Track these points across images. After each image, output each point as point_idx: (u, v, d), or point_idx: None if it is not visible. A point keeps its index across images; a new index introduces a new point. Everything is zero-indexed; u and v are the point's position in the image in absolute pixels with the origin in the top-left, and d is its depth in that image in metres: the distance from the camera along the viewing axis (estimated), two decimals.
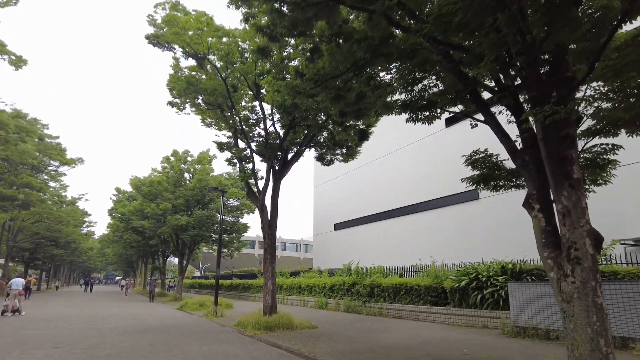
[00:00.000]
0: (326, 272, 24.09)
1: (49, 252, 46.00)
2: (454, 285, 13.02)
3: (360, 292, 17.59)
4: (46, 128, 28.85)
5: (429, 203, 24.11)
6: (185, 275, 42.04)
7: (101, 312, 18.36)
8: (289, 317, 12.46)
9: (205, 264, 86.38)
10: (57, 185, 36.24)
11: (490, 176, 6.77)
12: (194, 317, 17.21)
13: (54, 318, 14.75)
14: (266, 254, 13.50)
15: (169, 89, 13.53)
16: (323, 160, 16.62)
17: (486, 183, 6.94)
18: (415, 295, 14.97)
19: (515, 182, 6.79)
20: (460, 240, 21.48)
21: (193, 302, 21.53)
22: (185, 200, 29.20)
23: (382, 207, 28.06)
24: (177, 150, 31.26)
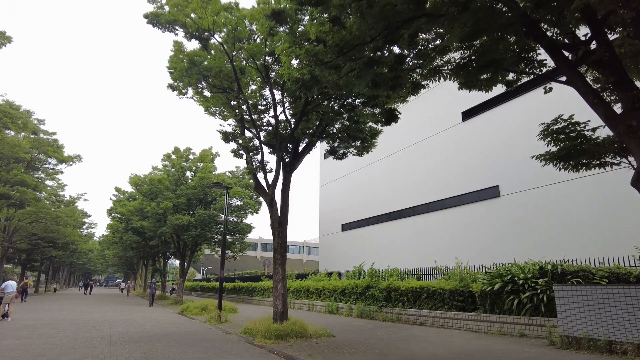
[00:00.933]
0: (335, 275, 22.81)
1: (46, 254, 44.76)
2: (484, 288, 11.70)
3: (376, 297, 16.27)
4: (42, 124, 27.66)
5: (444, 202, 22.80)
6: (187, 278, 40.82)
7: (95, 317, 17.07)
8: (302, 325, 11.16)
9: (207, 266, 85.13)
10: (54, 184, 35.08)
11: (574, 151, 5.41)
12: (196, 322, 15.92)
13: (42, 324, 13.47)
14: (276, 254, 12.23)
15: (170, 71, 12.28)
16: (335, 154, 15.39)
17: (568, 159, 5.59)
18: (438, 300, 13.65)
19: (605, 158, 5.46)
20: (479, 240, 20.16)
21: (195, 305, 20.25)
22: (186, 199, 27.94)
23: (393, 206, 26.76)
24: (178, 147, 30.05)
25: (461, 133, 22.41)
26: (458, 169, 22.18)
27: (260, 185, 12.95)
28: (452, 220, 22.11)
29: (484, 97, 21.35)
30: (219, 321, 15.25)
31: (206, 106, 13.43)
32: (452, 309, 13.09)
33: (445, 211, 22.66)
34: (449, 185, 22.59)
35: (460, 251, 20.70)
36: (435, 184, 23.50)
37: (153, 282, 28.05)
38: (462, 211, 21.63)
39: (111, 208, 36.29)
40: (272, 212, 12.44)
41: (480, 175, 20.76)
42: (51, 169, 31.30)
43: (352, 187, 31.77)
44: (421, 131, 24.96)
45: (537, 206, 18.00)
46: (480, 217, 20.49)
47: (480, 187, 20.68)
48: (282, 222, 12.42)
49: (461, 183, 21.82)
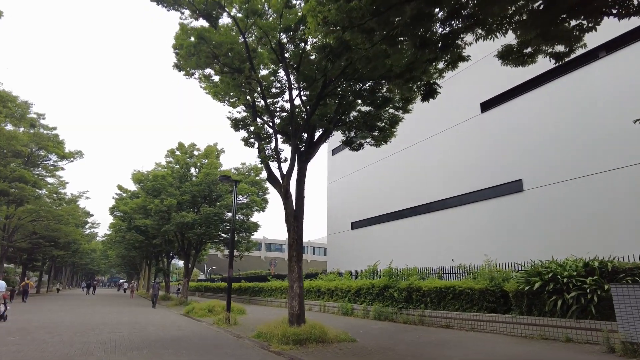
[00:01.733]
0: (347, 274, 21.77)
1: (48, 253, 43.85)
2: (520, 287, 10.63)
3: (395, 297, 15.20)
4: (42, 118, 26.69)
5: (462, 198, 21.69)
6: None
7: (96, 319, 16.06)
8: (321, 328, 10.10)
9: (211, 267, 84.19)
10: (55, 181, 34.10)
11: None
12: (203, 325, 14.88)
13: (38, 327, 12.45)
14: (291, 251, 11.18)
15: (175, 52, 11.25)
16: (351, 145, 14.36)
17: None
18: (466, 301, 12.58)
19: None
20: (500, 238, 19.05)
21: (200, 307, 19.22)
22: (191, 197, 26.94)
23: (406, 203, 25.65)
24: (182, 143, 29.07)
25: (480, 125, 21.30)
26: (477, 163, 21.08)
27: (274, 175, 11.90)
28: (470, 217, 21.01)
29: (504, 86, 20.32)
30: (228, 324, 14.22)
31: (214, 92, 12.39)
32: (482, 310, 12.02)
33: (463, 207, 21.55)
34: (467, 180, 21.48)
35: (480, 249, 19.59)
36: (452, 179, 22.40)
37: (156, 283, 26.88)
38: (481, 207, 20.52)
39: (114, 206, 35.34)
40: (286, 205, 11.40)
41: (501, 169, 19.66)
42: (51, 165, 30.33)
43: (362, 184, 30.68)
44: (437, 124, 23.85)
45: (564, 201, 16.89)
46: (501, 213, 19.39)
47: (502, 182, 19.57)
48: (298, 216, 11.38)
49: (480, 178, 20.71)
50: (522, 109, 19.31)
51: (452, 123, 22.97)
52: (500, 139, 20.03)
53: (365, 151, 30.71)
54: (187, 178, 29.16)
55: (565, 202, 16.84)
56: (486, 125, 20.98)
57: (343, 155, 33.98)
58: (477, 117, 21.50)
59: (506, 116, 20.02)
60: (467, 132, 21.99)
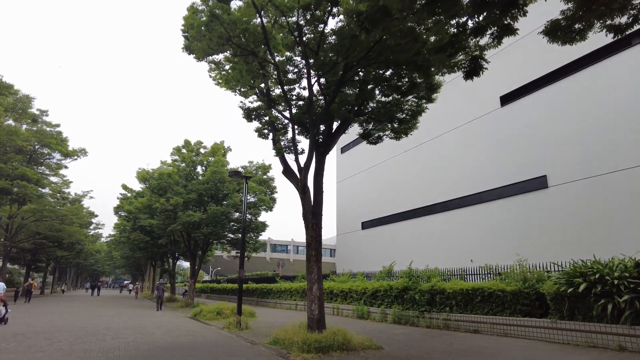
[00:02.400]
0: (361, 276, 20.86)
1: (52, 254, 43.20)
2: (561, 289, 9.68)
3: (416, 300, 14.27)
4: (45, 115, 25.97)
5: (481, 195, 20.73)
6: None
7: (99, 322, 15.23)
8: (345, 334, 9.21)
9: (216, 268, 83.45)
10: (59, 180, 33.40)
11: None
12: (212, 329, 14.02)
13: (35, 332, 11.60)
14: (310, 250, 10.31)
15: (184, 35, 10.41)
16: (369, 138, 13.48)
17: None
18: (496, 304, 11.64)
19: None
20: (523, 237, 18.09)
21: (208, 309, 18.36)
22: (197, 195, 26.12)
23: (421, 202, 24.72)
24: (189, 140, 28.28)
25: (500, 119, 20.36)
26: (497, 159, 20.14)
27: (290, 168, 11.04)
28: (490, 216, 20.06)
29: (524, 79, 19.38)
30: (239, 328, 13.34)
31: (225, 80, 11.55)
32: (515, 314, 11.08)
33: (482, 206, 20.60)
34: (486, 177, 20.54)
35: (500, 249, 18.66)
36: (470, 176, 21.45)
37: (161, 283, 25.77)
38: (502, 205, 19.57)
39: (118, 206, 34.59)
40: (304, 201, 10.53)
41: (523, 165, 18.71)
42: (55, 164, 29.60)
43: (372, 183, 29.78)
44: (453, 119, 22.92)
45: (592, 197, 15.94)
46: (524, 211, 18.43)
47: (525, 178, 18.62)
48: (316, 212, 10.51)
49: (501, 174, 19.77)
50: (545, 101, 18.36)
51: (469, 118, 22.04)
52: (522, 134, 19.09)
53: (376, 149, 29.84)
54: (193, 176, 28.38)
55: (594, 199, 15.88)
56: (506, 119, 20.04)
57: (352, 154, 33.11)
58: (496, 111, 20.56)
59: (528, 110, 19.07)
60: (486, 127, 21.05)
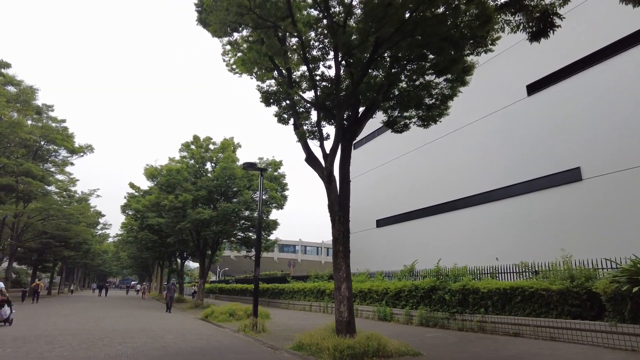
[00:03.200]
0: (379, 275, 19.83)
1: (59, 254, 42.55)
2: (624, 289, 8.59)
3: (446, 301, 13.21)
4: (50, 110, 25.18)
5: (508, 189, 19.60)
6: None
7: (106, 324, 14.32)
8: (379, 339, 8.21)
9: (223, 268, 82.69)
10: (65, 178, 32.72)
11: None
12: (227, 332, 13.06)
13: (37, 336, 10.68)
14: (337, 246, 9.30)
15: (197, 10, 9.49)
16: (393, 126, 12.47)
17: None
18: (540, 304, 10.56)
19: None
20: (555, 233, 16.96)
21: (220, 310, 17.41)
22: (207, 192, 25.23)
23: (440, 198, 23.63)
24: (197, 136, 27.40)
25: (526, 109, 19.22)
26: (524, 150, 19.01)
27: (313, 156, 10.04)
28: (517, 211, 18.93)
29: (554, 66, 18.26)
30: (255, 331, 12.37)
31: (242, 61, 10.60)
32: (562, 315, 9.99)
33: (508, 201, 19.47)
34: (512, 170, 19.42)
35: (530, 246, 17.56)
36: (495, 170, 20.34)
37: (172, 284, 24.71)
38: (530, 199, 18.44)
39: (125, 204, 33.81)
40: (330, 191, 9.53)
41: (554, 157, 17.58)
42: (60, 160, 28.83)
43: (387, 180, 28.71)
44: (475, 110, 21.81)
45: (632, 190, 14.78)
46: (555, 206, 17.29)
47: (555, 171, 17.49)
48: (343, 204, 9.50)
49: (528, 167, 18.64)
50: (576, 90, 17.22)
51: (492, 109, 20.92)
52: (551, 124, 17.96)
53: (391, 144, 28.81)
54: (202, 173, 27.52)
55: (634, 192, 14.74)
56: (533, 109, 18.90)
57: (366, 149, 32.07)
58: (523, 100, 19.42)
59: (558, 98, 17.94)
60: (511, 117, 19.92)
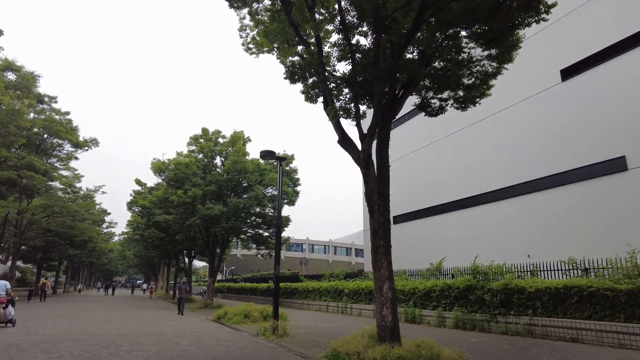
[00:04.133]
0: (402, 274, 18.62)
1: (64, 252, 41.63)
2: None
3: (486, 301, 11.97)
4: (54, 101, 24.09)
5: (540, 182, 18.30)
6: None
7: (112, 328, 13.19)
8: (431, 347, 7.01)
9: (230, 267, 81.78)
10: (70, 174, 31.68)
11: None
12: (245, 336, 11.89)
13: (35, 341, 9.50)
14: (376, 240, 8.10)
15: None
16: (427, 109, 11.25)
17: None
18: (603, 306, 9.30)
19: None
20: (595, 227, 15.69)
21: (234, 311, 16.25)
22: (217, 187, 24.09)
23: (463, 193, 22.36)
24: (206, 128, 26.25)
25: (561, 95, 17.90)
26: (557, 140, 17.71)
27: (348, 137, 8.83)
28: (551, 204, 17.64)
29: (590, 49, 16.93)
30: (276, 335, 11.19)
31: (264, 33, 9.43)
32: (632, 319, 8.73)
33: (541, 193, 18.18)
34: (543, 161, 18.13)
35: (567, 242, 16.28)
36: (525, 161, 19.04)
37: (183, 283, 22.69)
38: (566, 192, 17.15)
39: (131, 201, 32.73)
40: (367, 177, 8.32)
41: (593, 146, 16.27)
42: (64, 153, 27.75)
43: (405, 174, 27.41)
44: (502, 98, 20.43)
45: None
46: (596, 198, 15.99)
47: (595, 161, 16.18)
48: (383, 192, 8.32)
49: (563, 157, 17.35)
50: (620, 72, 15.85)
51: (522, 96, 19.60)
52: (590, 111, 16.64)
53: (407, 137, 27.51)
54: (211, 168, 26.36)
55: None
56: (569, 95, 17.57)
57: None
58: (557, 86, 18.09)
59: (597, 83, 16.59)
60: (543, 105, 18.60)
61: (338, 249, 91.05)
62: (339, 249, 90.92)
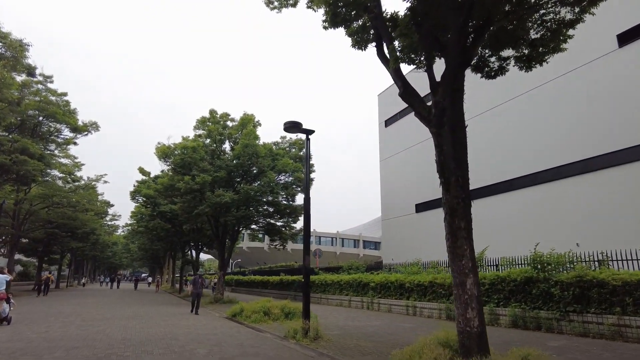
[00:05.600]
0: (435, 266, 16.82)
1: (66, 245, 39.99)
2: None
3: (554, 296, 10.12)
4: (49, 81, 22.18)
5: (587, 163, 16.39)
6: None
7: (114, 330, 11.38)
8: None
9: (236, 259, 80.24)
10: (70, 162, 29.85)
11: None
12: (271, 339, 10.09)
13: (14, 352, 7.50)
14: (455, 220, 6.25)
15: None
16: (484, 70, 9.28)
17: None
18: None
19: None
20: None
21: (251, 308, 14.45)
22: (227, 173, 22.26)
23: (494, 177, 20.45)
24: (214, 109, 24.35)
25: (617, 63, 15.90)
26: (611, 114, 15.74)
27: (411, 88, 6.92)
28: (599, 188, 15.72)
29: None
30: (309, 338, 9.39)
31: None
32: None
33: (588, 176, 16.26)
34: (592, 140, 16.18)
35: (618, 229, 14.42)
36: (569, 141, 17.11)
37: (199, 276, 18.72)
38: (617, 174, 15.22)
39: (135, 190, 30.92)
40: (441, 138, 6.46)
41: None
42: (62, 138, 25.83)
43: (427, 158, 25.44)
44: (546, 70, 18.44)
45: None
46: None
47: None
48: (460, 158, 6.45)
49: (619, 134, 15.40)
50: None
51: (569, 66, 17.57)
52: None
53: None
54: (219, 154, 24.50)
55: None
56: (627, 62, 15.58)
57: (400, 126, 28.85)
58: (612, 53, 16.08)
59: None
60: (596, 74, 16.59)
61: (345, 240, 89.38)
62: (346, 241, 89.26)
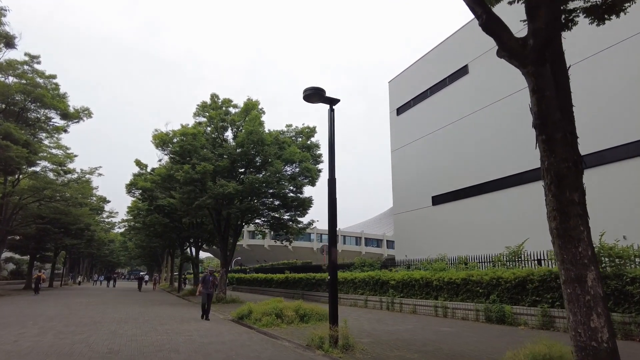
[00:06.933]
0: (463, 261, 15.15)
1: (59, 242, 38.15)
2: None
3: (630, 296, 8.43)
4: (36, 61, 20.30)
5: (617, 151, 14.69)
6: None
7: (100, 337, 9.63)
8: None
9: (236, 257, 78.51)
10: (61, 153, 28.01)
11: None
12: (292, 350, 8.38)
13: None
14: (564, 191, 4.52)
15: None
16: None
17: None
18: None
19: None
20: None
21: (260, 310, 12.70)
22: (230, 162, 20.54)
23: (519, 166, 18.75)
24: (216, 93, 22.58)
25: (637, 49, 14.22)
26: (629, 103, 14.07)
27: (496, 17, 5.14)
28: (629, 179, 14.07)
29: None
30: (339, 348, 7.68)
31: None
32: None
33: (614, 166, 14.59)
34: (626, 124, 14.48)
35: None
36: (598, 125, 15.41)
37: (210, 273, 14.87)
38: None
39: (131, 182, 29.12)
40: (541, 81, 4.73)
41: None
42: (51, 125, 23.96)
43: (446, 146, 23.79)
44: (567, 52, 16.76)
45: None
46: None
47: None
48: (567, 109, 4.70)
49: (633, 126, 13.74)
50: None
51: (594, 49, 15.86)
52: None
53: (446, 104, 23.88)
54: (221, 142, 22.75)
55: None
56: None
57: (412, 115, 27.11)
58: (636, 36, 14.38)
59: None
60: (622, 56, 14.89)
61: (347, 238, 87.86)
62: (348, 238, 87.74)
